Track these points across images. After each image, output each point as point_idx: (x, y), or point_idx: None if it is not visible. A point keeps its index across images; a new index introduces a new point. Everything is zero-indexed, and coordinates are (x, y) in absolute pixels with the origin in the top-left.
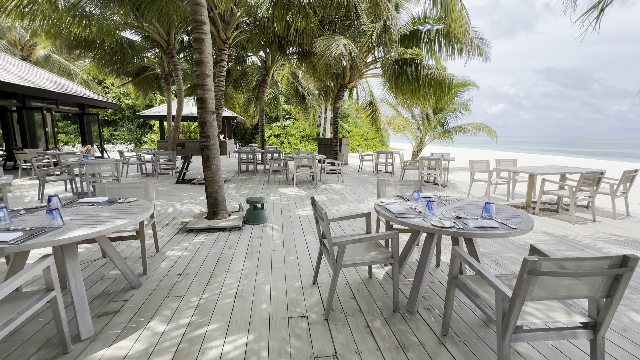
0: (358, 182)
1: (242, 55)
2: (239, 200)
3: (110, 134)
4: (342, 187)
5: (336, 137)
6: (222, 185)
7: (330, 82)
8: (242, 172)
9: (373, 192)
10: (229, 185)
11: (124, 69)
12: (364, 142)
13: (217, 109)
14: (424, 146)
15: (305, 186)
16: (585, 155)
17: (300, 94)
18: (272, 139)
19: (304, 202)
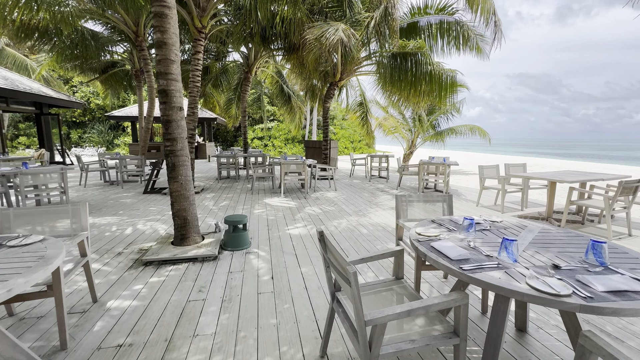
0: (352, 190)
1: (222, 51)
2: (217, 214)
3: (79, 136)
4: (336, 196)
5: (326, 140)
6: (192, 201)
7: (317, 81)
8: (222, 178)
9: (372, 202)
10: (206, 195)
11: (89, 64)
12: (350, 145)
13: (192, 108)
14: (415, 149)
15: (294, 195)
16: (562, 157)
17: (285, 93)
18: (255, 141)
19: (294, 216)
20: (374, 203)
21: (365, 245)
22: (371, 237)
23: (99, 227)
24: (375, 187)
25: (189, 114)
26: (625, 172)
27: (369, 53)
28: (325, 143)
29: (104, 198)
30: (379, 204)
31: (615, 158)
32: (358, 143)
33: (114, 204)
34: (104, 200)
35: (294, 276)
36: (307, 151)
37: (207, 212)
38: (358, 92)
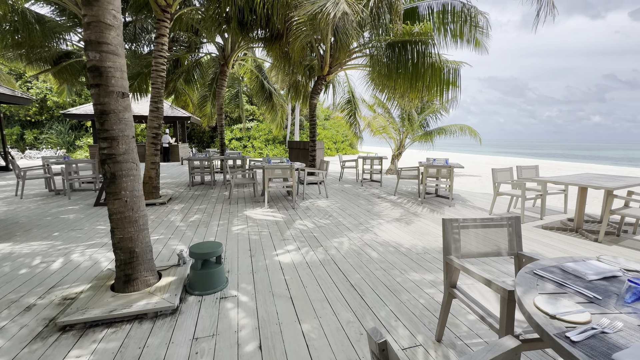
0: (346, 197)
1: (194, 42)
2: (184, 234)
3: (34, 137)
4: (329, 205)
5: (314, 141)
6: (143, 225)
7: (301, 77)
8: (196, 184)
9: (372, 212)
10: (174, 206)
11: (36, 53)
12: (334, 146)
13: (156, 102)
14: (404, 149)
15: (280, 205)
16: (540, 157)
17: (266, 90)
18: (233, 142)
19: (283, 233)
20: (375, 213)
21: (382, 279)
22: (385, 263)
23: (16, 259)
24: (370, 193)
25: (152, 109)
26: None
27: (362, 43)
28: (313, 144)
29: (40, 213)
30: (381, 215)
31: (597, 158)
32: (341, 144)
33: (51, 221)
34: (39, 216)
35: (293, 342)
36: (291, 153)
37: (171, 231)
38: (346, 88)
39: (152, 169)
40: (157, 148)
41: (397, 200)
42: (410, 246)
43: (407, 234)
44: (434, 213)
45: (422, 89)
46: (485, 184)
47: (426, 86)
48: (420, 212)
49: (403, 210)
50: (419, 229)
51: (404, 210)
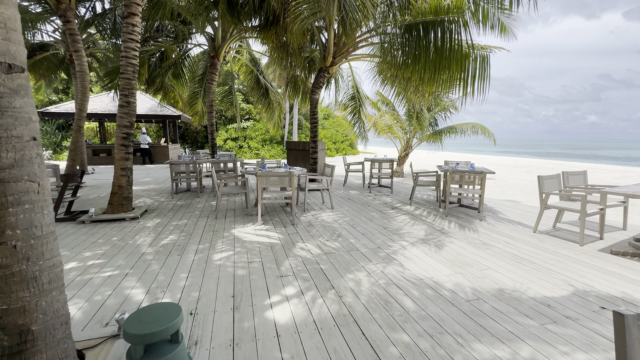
0: (354, 207)
1: (182, 32)
2: (149, 266)
3: None
4: (336, 219)
5: (315, 141)
6: (48, 286)
7: (300, 71)
8: (181, 192)
9: (389, 229)
10: (148, 221)
11: None
12: (333, 146)
13: (126, 95)
14: (411, 150)
15: (276, 219)
16: (537, 156)
17: (262, 86)
18: (229, 142)
19: (280, 266)
20: (393, 231)
21: (433, 357)
22: (428, 321)
23: None
24: (382, 202)
25: (121, 104)
26: None
27: (371, 27)
28: (314, 145)
29: None
30: (401, 233)
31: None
32: (341, 144)
33: None
34: None
35: None
36: (289, 154)
37: (132, 262)
38: (350, 83)
39: (123, 176)
40: (128, 151)
41: (414, 212)
42: (453, 286)
43: (443, 265)
44: (466, 230)
45: (445, 79)
46: (504, 189)
47: (449, 77)
48: (447, 228)
49: (426, 226)
50: (456, 255)
51: (427, 227)
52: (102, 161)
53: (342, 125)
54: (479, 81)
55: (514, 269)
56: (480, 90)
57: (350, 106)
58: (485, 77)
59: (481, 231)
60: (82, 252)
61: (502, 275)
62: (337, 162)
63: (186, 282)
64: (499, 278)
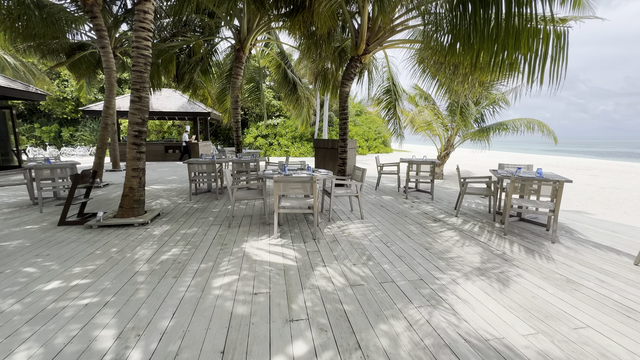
0: (388, 216)
1: (209, 26)
2: (134, 294)
3: (70, 134)
4: (365, 232)
5: (344, 139)
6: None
7: (331, 63)
8: (200, 192)
9: (432, 251)
10: (156, 227)
11: (47, 45)
12: (365, 144)
13: (138, 90)
14: (452, 149)
15: (295, 231)
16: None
17: (290, 80)
18: (259, 140)
19: (292, 302)
20: (438, 254)
21: None
22: None
23: None
24: (421, 211)
25: (133, 99)
26: None
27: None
28: (343, 143)
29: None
30: (450, 258)
31: None
32: (373, 142)
33: None
34: None
35: None
36: (317, 153)
37: (117, 287)
38: (385, 74)
39: (134, 177)
40: (140, 150)
41: (463, 227)
42: (535, 357)
43: (515, 315)
44: (536, 257)
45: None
46: (569, 197)
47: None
48: (510, 253)
49: (481, 248)
50: (531, 299)
51: (482, 249)
52: None
53: (374, 121)
54: (552, 64)
55: (626, 329)
56: (553, 76)
57: (385, 100)
58: (562, 59)
59: (558, 260)
60: (73, 266)
61: (611, 341)
62: (369, 161)
63: (170, 323)
64: (607, 346)
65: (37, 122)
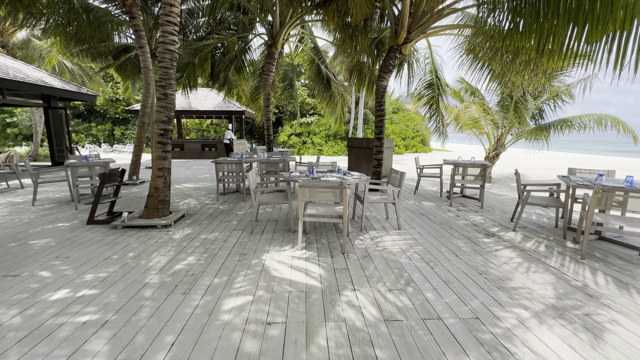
0: (429, 227)
1: (242, 22)
2: (137, 312)
3: (121, 132)
4: (404, 247)
5: (380, 138)
6: None
7: (367, 56)
8: (229, 192)
9: (488, 276)
10: (177, 231)
11: (96, 48)
12: (402, 143)
13: (163, 87)
14: (503, 149)
15: (322, 241)
16: None
17: (323, 76)
18: (293, 138)
19: (310, 340)
20: (496, 281)
21: None
22: None
23: None
24: (469, 222)
25: (159, 97)
26: None
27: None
28: (379, 142)
29: (19, 231)
30: (512, 288)
31: None
32: (411, 140)
33: (9, 250)
34: (14, 235)
35: None
36: (350, 152)
37: (128, 296)
38: (428, 67)
39: (159, 177)
40: (165, 149)
41: (524, 245)
42: None
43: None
44: (633, 293)
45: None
46: None
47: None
48: (594, 285)
49: (553, 277)
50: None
51: (555, 279)
52: (176, 155)
53: (413, 119)
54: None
55: None
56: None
57: (427, 96)
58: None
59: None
60: (86, 272)
61: None
62: (406, 161)
63: (167, 356)
64: None
65: (94, 121)
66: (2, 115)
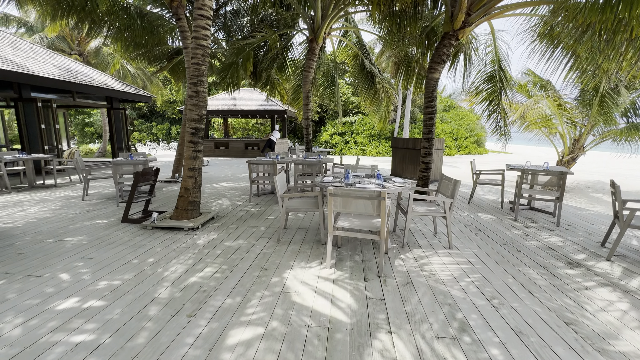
0: (489, 248)
1: (284, 19)
2: (137, 335)
3: (177, 132)
4: (457, 274)
5: (429, 139)
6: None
7: (416, 47)
8: (263, 194)
9: (575, 323)
10: (202, 236)
11: (152, 52)
12: (454, 144)
13: (195, 84)
14: (582, 152)
15: (356, 258)
16: None
17: (367, 72)
18: (335, 137)
19: None
20: (595, 342)
21: None
22: None
23: None
24: (542, 244)
25: (190, 94)
26: None
27: None
28: (428, 144)
29: (61, 227)
30: (617, 353)
31: None
32: (464, 141)
33: (48, 246)
34: (56, 230)
35: None
36: (395, 154)
37: (131, 313)
38: (489, 56)
39: (190, 177)
40: (197, 149)
41: (628, 282)
42: None
43: None
44: None
45: None
46: None
47: None
48: None
49: None
50: None
51: None
52: (221, 154)
53: (466, 117)
54: None
55: None
56: None
57: (487, 90)
58: None
59: None
60: (101, 279)
61: None
62: (457, 163)
63: None
64: None
65: (154, 121)
66: (82, 116)
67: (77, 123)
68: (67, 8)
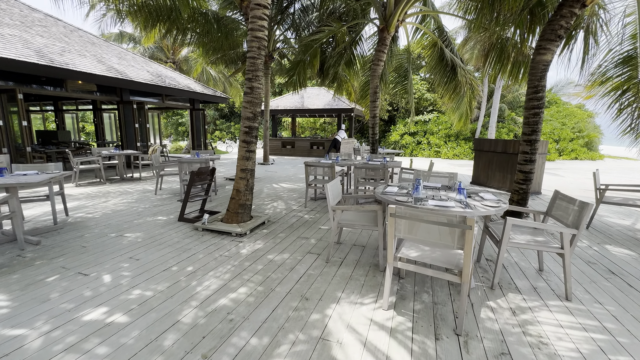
0: (627, 301)
1: (353, 10)
2: None
3: None
4: (579, 338)
5: (531, 141)
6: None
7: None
8: (320, 198)
9: None
10: (247, 244)
11: (227, 55)
12: (554, 146)
13: (250, 80)
14: None
15: (424, 298)
16: None
17: (447, 62)
18: (406, 137)
19: None
20: None
21: None
22: None
23: None
24: None
25: (245, 90)
26: None
27: None
28: (530, 147)
29: (125, 221)
30: None
31: None
32: (569, 143)
33: (105, 242)
34: (120, 224)
35: None
36: (478, 158)
37: (142, 343)
38: (628, 29)
39: (242, 179)
40: (250, 149)
41: None
42: None
43: None
44: None
45: None
46: None
47: None
48: None
49: None
50: None
51: None
52: (288, 152)
53: (573, 114)
54: None
55: None
56: None
57: (618, 75)
58: None
59: None
60: (137, 286)
61: None
62: (560, 171)
63: None
64: None
65: (233, 120)
66: (176, 117)
67: (173, 123)
68: (157, 16)
